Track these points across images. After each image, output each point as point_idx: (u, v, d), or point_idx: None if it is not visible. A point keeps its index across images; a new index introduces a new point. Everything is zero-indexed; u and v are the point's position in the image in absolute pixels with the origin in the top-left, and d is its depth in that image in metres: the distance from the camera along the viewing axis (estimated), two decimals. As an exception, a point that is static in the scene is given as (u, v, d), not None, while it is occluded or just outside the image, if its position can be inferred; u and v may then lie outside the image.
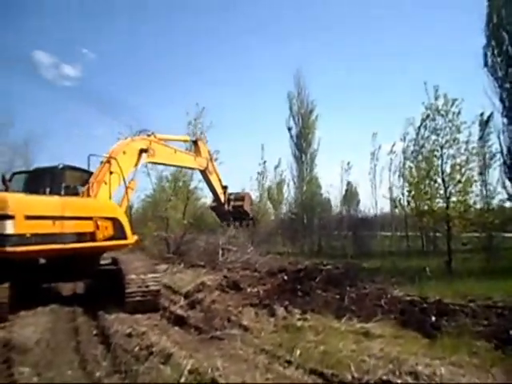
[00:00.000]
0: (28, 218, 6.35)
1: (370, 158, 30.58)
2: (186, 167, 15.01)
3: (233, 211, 16.12)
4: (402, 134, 15.62)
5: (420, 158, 12.53)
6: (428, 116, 12.34)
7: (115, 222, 7.85)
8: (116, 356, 4.80)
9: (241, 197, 16.92)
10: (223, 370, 4.11)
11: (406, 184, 12.75)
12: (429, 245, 17.10)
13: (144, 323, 6.48)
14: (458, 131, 11.84)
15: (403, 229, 21.86)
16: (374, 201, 30.57)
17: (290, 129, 30.94)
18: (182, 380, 3.92)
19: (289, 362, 4.46)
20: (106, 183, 8.61)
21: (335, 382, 3.90)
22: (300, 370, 4.24)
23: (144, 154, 10.24)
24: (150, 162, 11.54)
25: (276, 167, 33.35)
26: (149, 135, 11.29)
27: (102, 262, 8.79)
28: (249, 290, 9.17)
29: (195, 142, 15.07)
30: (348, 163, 32.02)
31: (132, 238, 8.52)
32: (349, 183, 42.90)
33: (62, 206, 6.89)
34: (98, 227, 7.46)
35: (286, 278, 10.37)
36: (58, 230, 6.77)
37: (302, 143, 30.48)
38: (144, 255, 17.90)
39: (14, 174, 9.60)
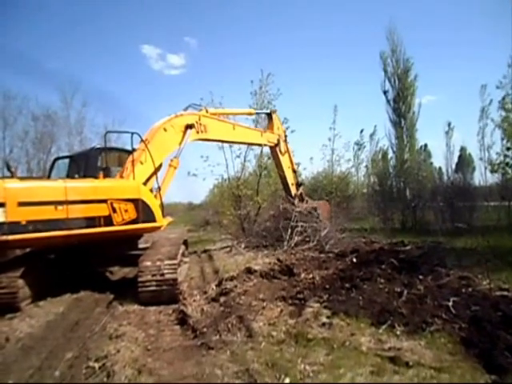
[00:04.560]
0: (21, 204, 5.79)
1: (479, 115, 25.87)
2: (250, 143, 13.41)
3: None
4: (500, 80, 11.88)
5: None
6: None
7: (138, 203, 7.07)
8: (72, 366, 3.92)
9: (317, 203, 14.46)
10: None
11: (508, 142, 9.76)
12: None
13: (145, 320, 5.56)
14: None
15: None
16: (484, 167, 26.10)
17: (385, 92, 27.77)
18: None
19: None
20: (142, 163, 7.90)
21: None
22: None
23: (190, 131, 9.22)
24: (201, 139, 10.43)
25: (371, 135, 30.68)
26: (200, 110, 10.39)
27: (141, 246, 8.10)
28: (303, 275, 7.76)
29: (269, 115, 13.44)
30: (449, 125, 27.93)
31: (162, 221, 7.71)
32: (462, 148, 37.97)
33: (66, 190, 6.24)
34: (114, 210, 6.74)
35: (354, 260, 8.81)
36: (61, 215, 6.15)
37: (401, 107, 27.24)
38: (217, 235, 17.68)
39: (56, 159, 9.55)
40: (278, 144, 12.99)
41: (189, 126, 9.21)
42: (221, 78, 70.83)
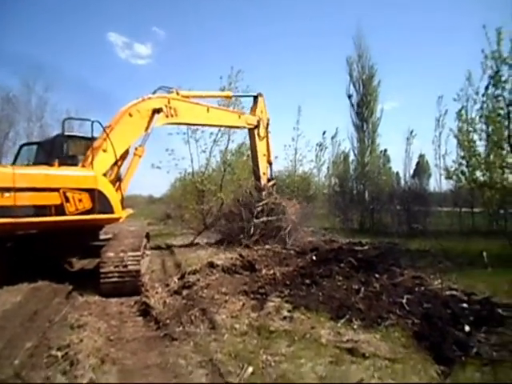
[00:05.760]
0: None
1: (435, 124, 26.99)
2: (226, 126, 12.96)
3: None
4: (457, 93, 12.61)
5: (479, 119, 10.09)
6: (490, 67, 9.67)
7: (94, 193, 6.81)
8: (32, 355, 3.87)
9: (286, 202, 13.52)
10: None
11: (462, 151, 10.42)
12: (499, 224, 14.45)
13: (107, 311, 5.54)
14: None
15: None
16: (439, 173, 27.36)
17: (350, 96, 28.41)
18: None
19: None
20: (104, 151, 7.53)
21: None
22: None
23: (157, 115, 8.65)
24: (172, 124, 9.95)
25: (333, 137, 31.27)
26: (170, 92, 9.70)
27: (103, 237, 7.96)
28: (264, 271, 7.90)
29: (255, 98, 12.77)
30: (411, 132, 29.08)
31: (121, 213, 7.48)
32: (421, 155, 39.39)
33: (14, 177, 6.00)
34: (67, 199, 6.55)
35: (314, 258, 9.05)
36: (8, 202, 5.92)
37: (364, 111, 27.96)
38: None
39: (22, 145, 9.24)
40: (257, 126, 12.48)
41: (156, 111, 8.66)
42: (188, 70, 70.16)
